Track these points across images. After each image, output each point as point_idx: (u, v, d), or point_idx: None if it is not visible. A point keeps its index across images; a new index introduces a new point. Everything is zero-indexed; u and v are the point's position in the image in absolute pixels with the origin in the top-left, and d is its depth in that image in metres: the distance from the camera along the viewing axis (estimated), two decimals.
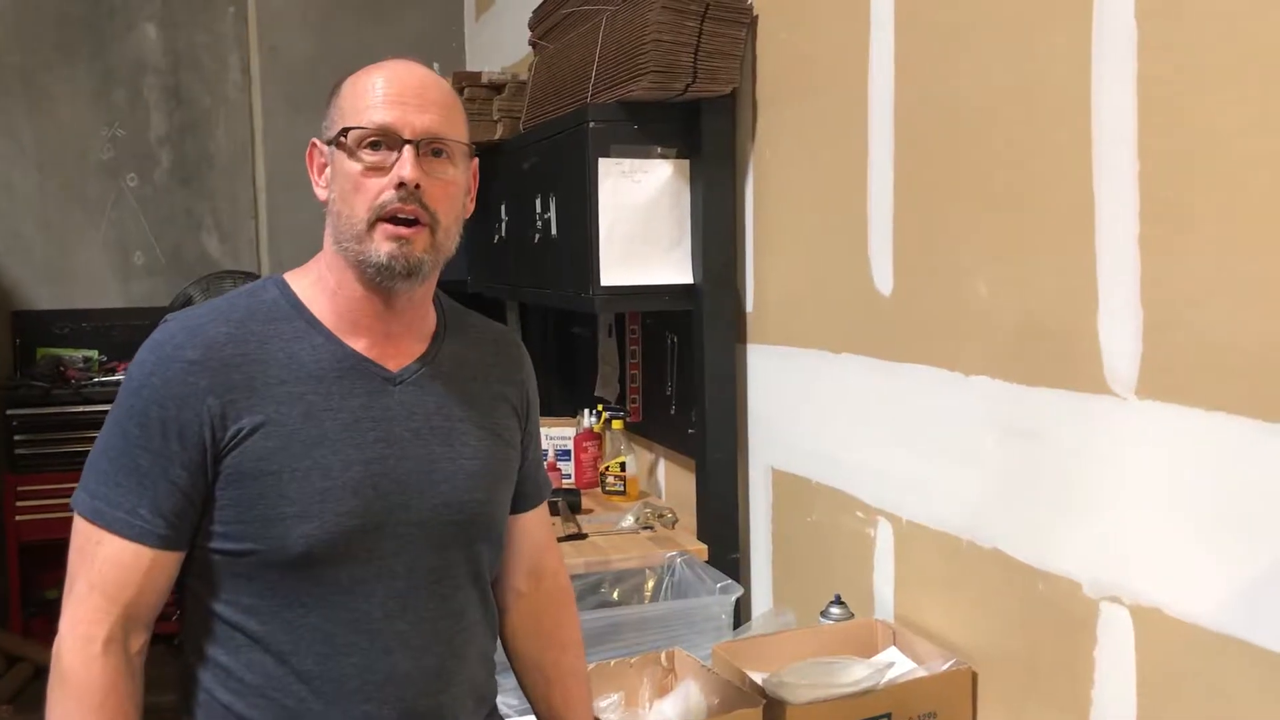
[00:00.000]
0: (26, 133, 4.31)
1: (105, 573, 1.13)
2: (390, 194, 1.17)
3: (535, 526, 1.45)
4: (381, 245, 1.18)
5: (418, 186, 1.16)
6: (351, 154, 1.18)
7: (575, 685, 1.45)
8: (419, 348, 1.28)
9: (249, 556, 1.16)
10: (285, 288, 1.24)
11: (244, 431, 1.15)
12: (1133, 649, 1.46)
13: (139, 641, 1.16)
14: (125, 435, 1.15)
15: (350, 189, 1.18)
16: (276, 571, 1.16)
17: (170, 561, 1.16)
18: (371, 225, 1.17)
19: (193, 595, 1.20)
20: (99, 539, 1.13)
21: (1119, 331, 1.47)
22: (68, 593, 1.15)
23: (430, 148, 1.19)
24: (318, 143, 1.24)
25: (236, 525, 1.15)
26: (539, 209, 2.87)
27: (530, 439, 1.41)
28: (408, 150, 1.17)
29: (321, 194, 1.23)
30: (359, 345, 1.23)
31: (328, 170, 1.23)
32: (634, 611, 2.36)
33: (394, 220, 1.17)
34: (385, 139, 1.18)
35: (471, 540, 1.27)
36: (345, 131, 1.18)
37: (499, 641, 1.45)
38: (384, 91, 1.18)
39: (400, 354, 1.26)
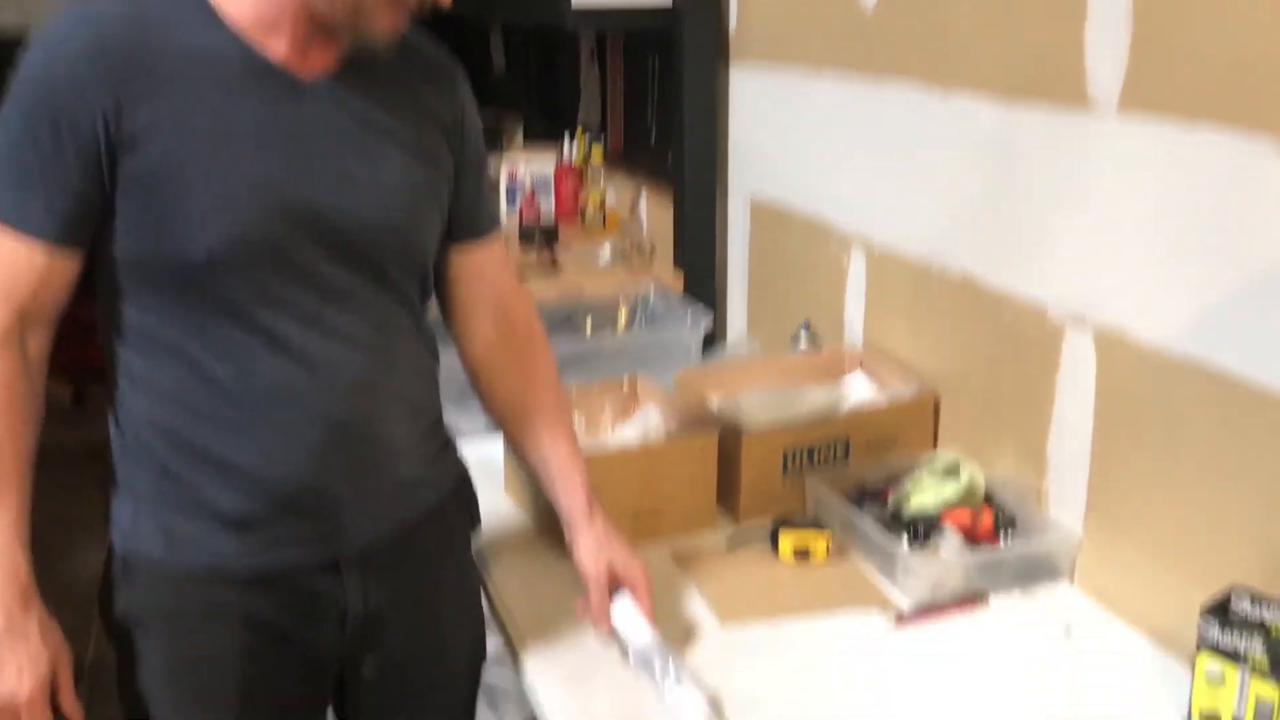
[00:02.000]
0: None
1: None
2: None
3: (490, 264, 1.38)
4: (382, 15, 1.11)
5: None
6: None
7: (560, 423, 1.42)
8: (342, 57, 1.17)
9: (151, 263, 1.10)
10: None
11: (141, 129, 1.06)
12: (1094, 373, 1.43)
13: (37, 340, 1.12)
14: (15, 133, 1.07)
15: None
16: (182, 280, 1.10)
17: (67, 263, 1.10)
18: None
19: (103, 297, 1.15)
20: None
21: (1106, 42, 1.36)
22: None
23: None
24: None
25: (136, 230, 1.09)
26: None
27: (468, 167, 1.32)
28: None
29: None
30: (276, 49, 1.12)
31: None
32: (606, 342, 2.34)
33: None
34: None
35: (388, 260, 1.20)
36: None
37: (479, 401, 1.43)
38: None
39: (321, 63, 1.15)
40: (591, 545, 1.34)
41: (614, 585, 1.33)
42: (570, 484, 1.38)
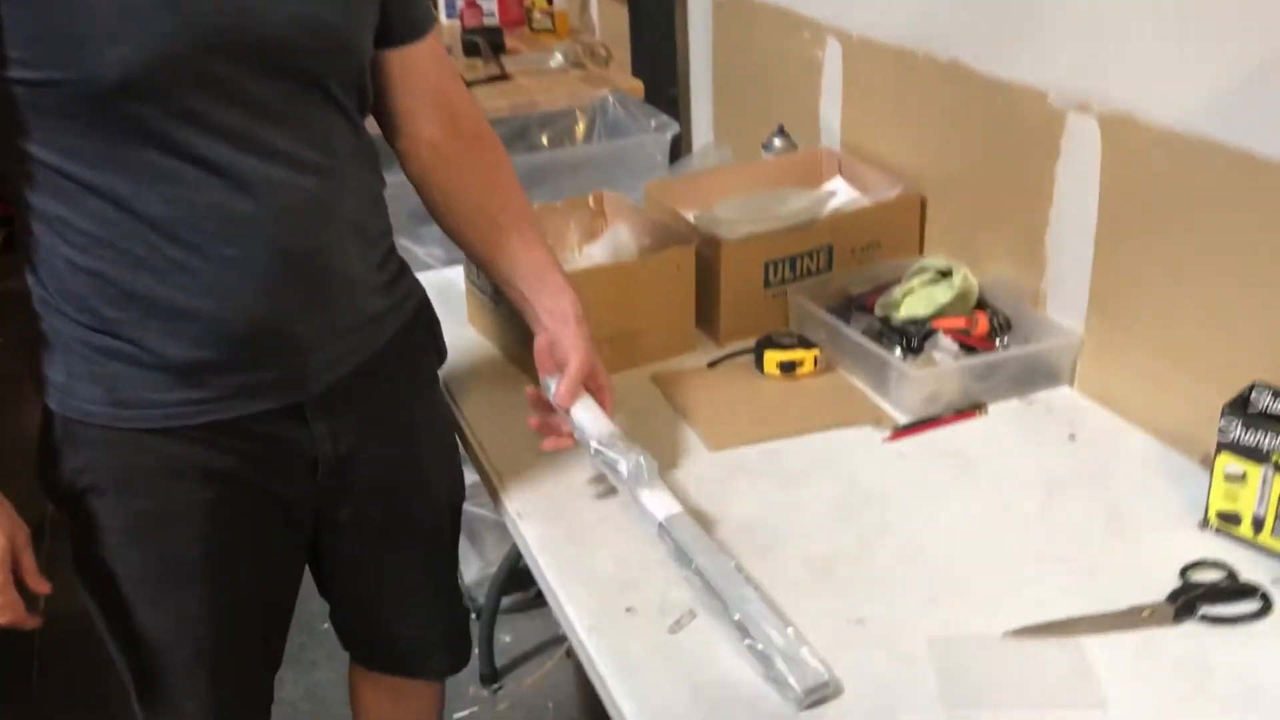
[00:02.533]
0: None
1: None
2: None
3: (426, 62, 1.23)
4: None
5: None
6: None
7: (530, 227, 1.29)
8: None
9: (57, 88, 0.95)
10: None
11: None
12: (1098, 160, 1.32)
13: None
14: None
15: None
16: (94, 106, 0.95)
17: None
18: None
19: (5, 140, 1.00)
20: None
21: None
22: None
23: None
24: None
25: (33, 48, 0.93)
26: None
27: None
28: None
29: None
30: None
31: None
32: (564, 154, 2.20)
33: None
34: None
35: (324, 69, 1.05)
36: None
37: (436, 219, 1.30)
38: None
39: None
40: (580, 342, 1.23)
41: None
42: (554, 285, 1.26)
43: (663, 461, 1.24)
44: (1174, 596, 1.04)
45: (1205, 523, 1.13)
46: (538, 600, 2.20)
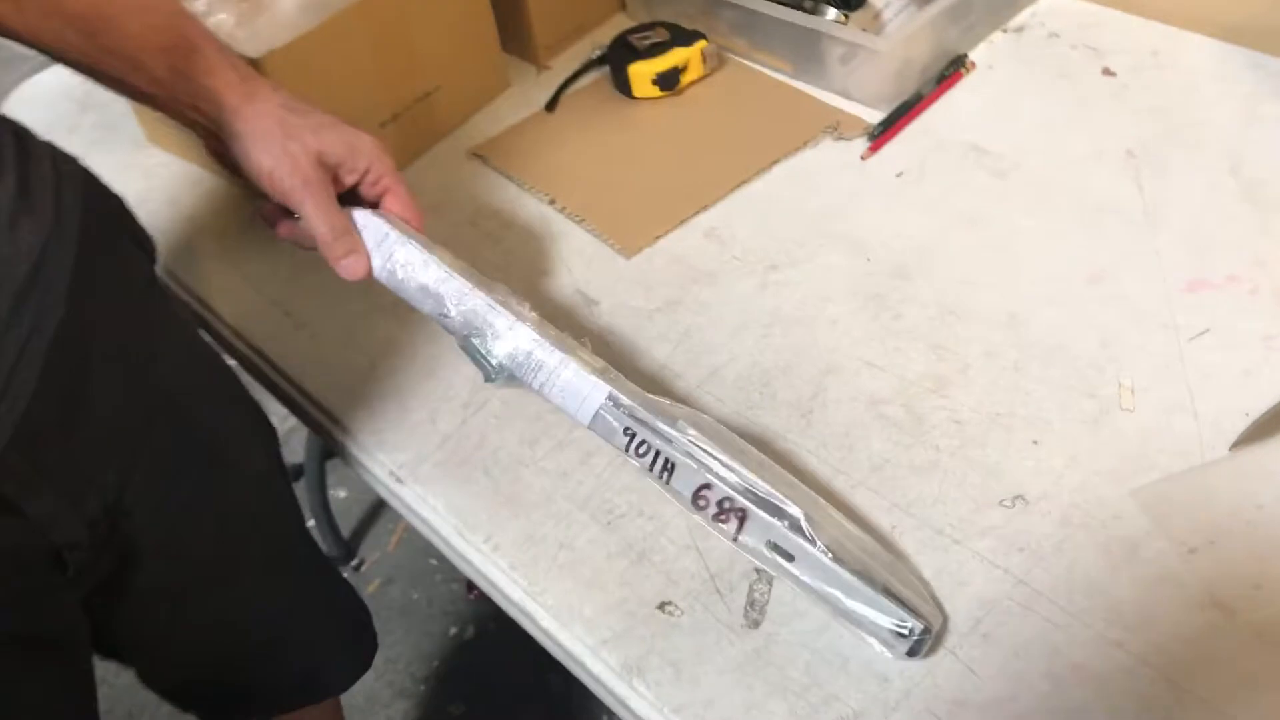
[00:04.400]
0: None
1: None
2: None
3: None
4: None
5: None
6: None
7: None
8: None
9: None
10: None
11: None
12: None
13: None
14: None
15: None
16: None
17: None
18: None
19: None
20: None
21: None
22: None
23: None
24: None
25: None
26: None
27: None
28: None
29: None
30: None
31: None
32: None
33: None
34: None
35: None
36: None
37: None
38: None
39: None
40: (275, 131, 0.67)
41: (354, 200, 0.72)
42: (200, 62, 0.67)
43: (550, 306, 0.75)
44: None
45: None
46: None
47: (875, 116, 0.92)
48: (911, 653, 0.57)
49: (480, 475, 0.71)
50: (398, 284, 0.70)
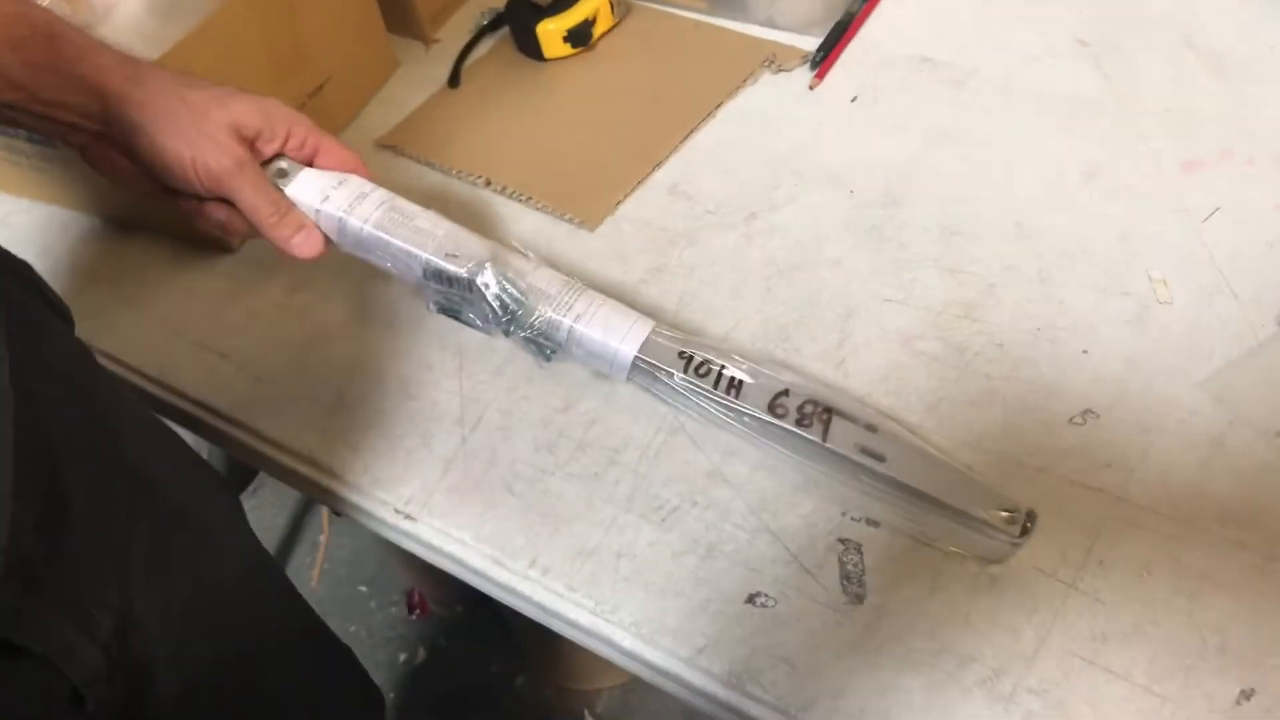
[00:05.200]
0: None
1: None
2: None
3: None
4: None
5: None
6: None
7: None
8: None
9: None
10: None
11: None
12: None
13: None
14: None
15: None
16: None
17: None
18: None
19: None
20: None
21: None
22: None
23: None
24: None
25: None
26: None
27: None
28: None
29: None
30: None
31: None
32: None
33: None
34: None
35: None
36: None
37: None
38: None
39: None
40: (181, 112, 0.57)
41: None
42: (64, 49, 0.56)
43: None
44: None
45: None
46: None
47: (809, 44, 0.87)
48: (1024, 533, 0.53)
49: (503, 494, 0.63)
50: (372, 241, 0.62)
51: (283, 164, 0.64)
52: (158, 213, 0.80)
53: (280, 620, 0.73)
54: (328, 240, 0.64)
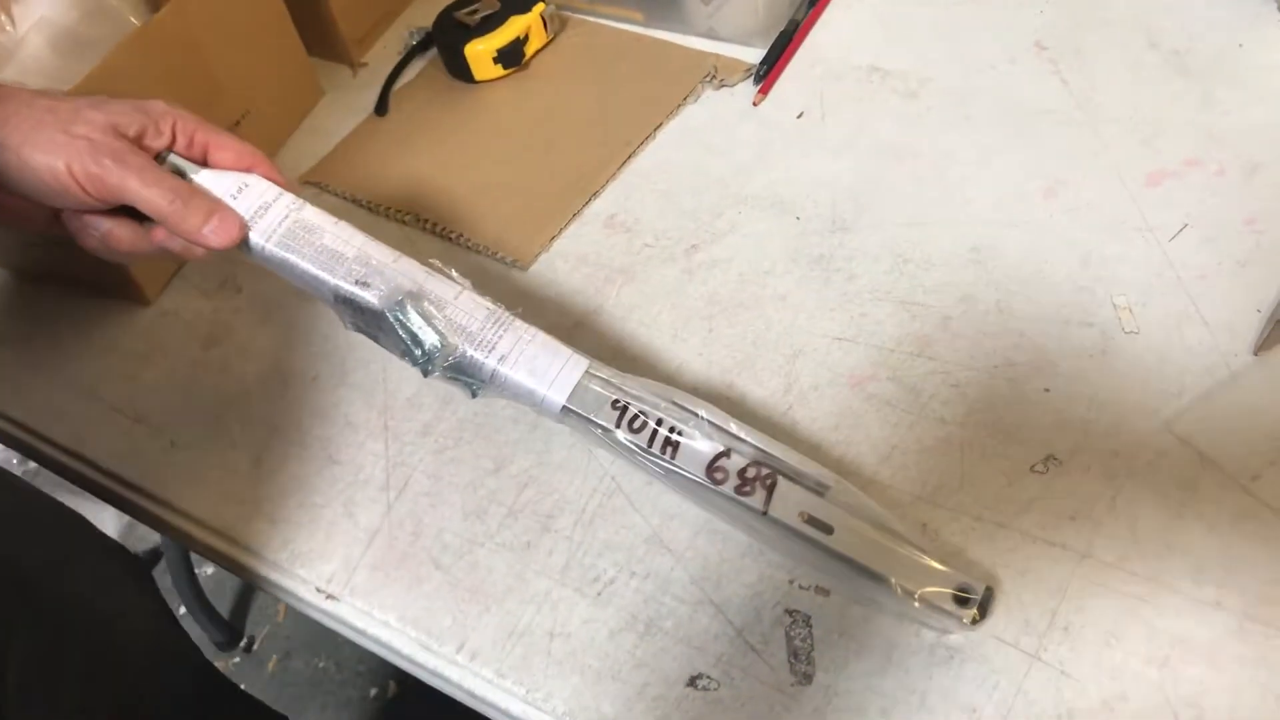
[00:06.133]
0: None
1: None
2: None
3: None
4: None
5: None
6: None
7: None
8: None
9: None
10: None
11: None
12: None
13: None
14: None
15: None
16: None
17: None
18: None
19: None
20: None
21: None
22: None
23: None
24: None
25: None
26: None
27: None
28: None
29: None
30: None
31: None
32: None
33: None
34: None
35: None
36: None
37: None
38: None
39: None
40: (47, 121, 0.52)
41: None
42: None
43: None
44: None
45: None
46: None
47: (753, 55, 0.82)
48: (981, 616, 0.49)
49: (430, 569, 0.59)
50: (277, 261, 0.57)
51: (174, 162, 0.57)
52: (67, 260, 0.75)
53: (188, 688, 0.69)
54: (244, 223, 0.58)
